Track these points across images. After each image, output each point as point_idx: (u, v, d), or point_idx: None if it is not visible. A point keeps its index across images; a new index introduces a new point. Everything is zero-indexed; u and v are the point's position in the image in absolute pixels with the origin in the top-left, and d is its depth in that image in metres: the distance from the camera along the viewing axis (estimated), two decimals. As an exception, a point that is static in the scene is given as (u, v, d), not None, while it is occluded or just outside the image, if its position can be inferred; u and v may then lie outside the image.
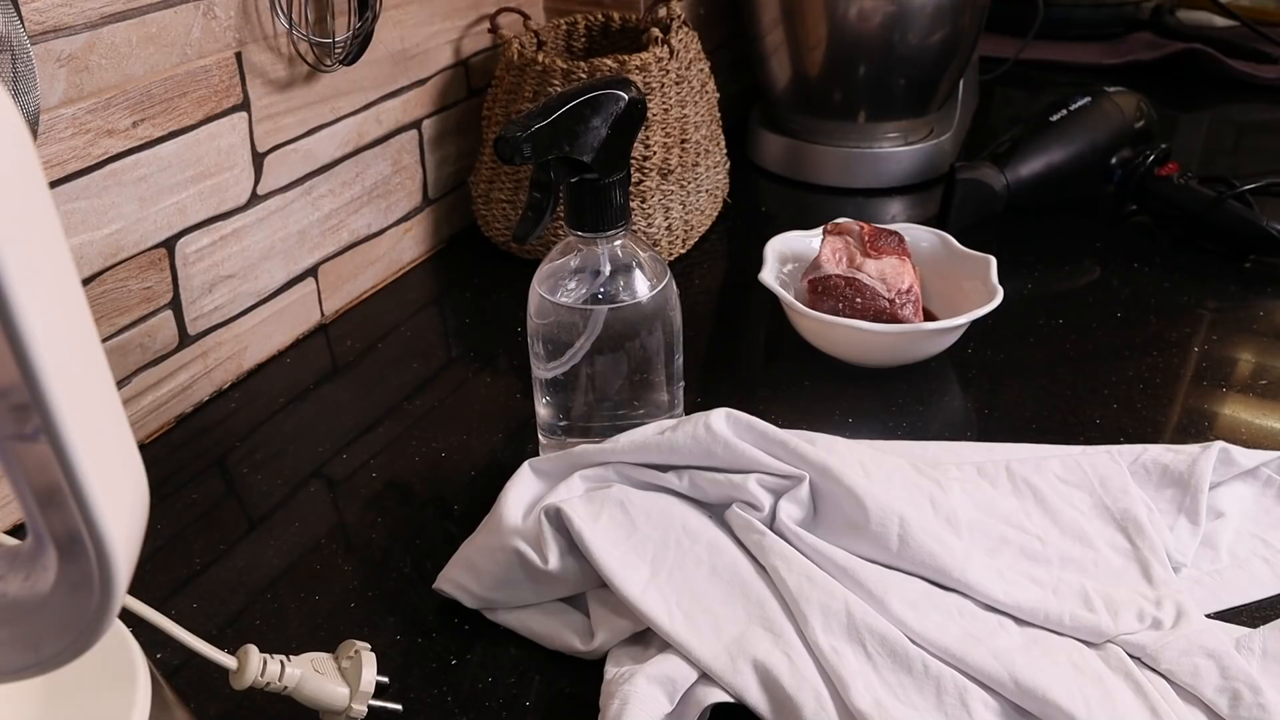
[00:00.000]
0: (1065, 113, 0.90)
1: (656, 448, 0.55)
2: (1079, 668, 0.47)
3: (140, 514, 0.27)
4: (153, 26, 0.61)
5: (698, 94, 0.86)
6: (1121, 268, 0.83)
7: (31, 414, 0.23)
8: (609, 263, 0.57)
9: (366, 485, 0.63)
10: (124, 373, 0.65)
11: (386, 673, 0.48)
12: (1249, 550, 0.55)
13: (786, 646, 0.48)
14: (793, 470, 0.54)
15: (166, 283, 0.66)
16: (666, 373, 0.60)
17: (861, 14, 0.93)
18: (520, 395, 0.70)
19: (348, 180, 0.79)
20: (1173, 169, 0.88)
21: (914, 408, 0.68)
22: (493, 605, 0.53)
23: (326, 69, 0.73)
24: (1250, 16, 1.23)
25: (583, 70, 0.79)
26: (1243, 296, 0.79)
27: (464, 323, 0.81)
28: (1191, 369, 0.71)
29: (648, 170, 0.83)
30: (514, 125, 0.51)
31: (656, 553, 0.52)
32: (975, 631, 0.49)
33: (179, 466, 0.65)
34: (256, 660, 0.43)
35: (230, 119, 0.68)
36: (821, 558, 0.51)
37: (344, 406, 0.70)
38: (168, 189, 0.65)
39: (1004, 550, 0.53)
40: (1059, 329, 0.76)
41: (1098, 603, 0.50)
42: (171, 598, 0.55)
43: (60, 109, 0.57)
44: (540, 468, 0.57)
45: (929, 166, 0.99)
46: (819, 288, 0.70)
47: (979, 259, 0.73)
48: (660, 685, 0.46)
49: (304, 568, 0.57)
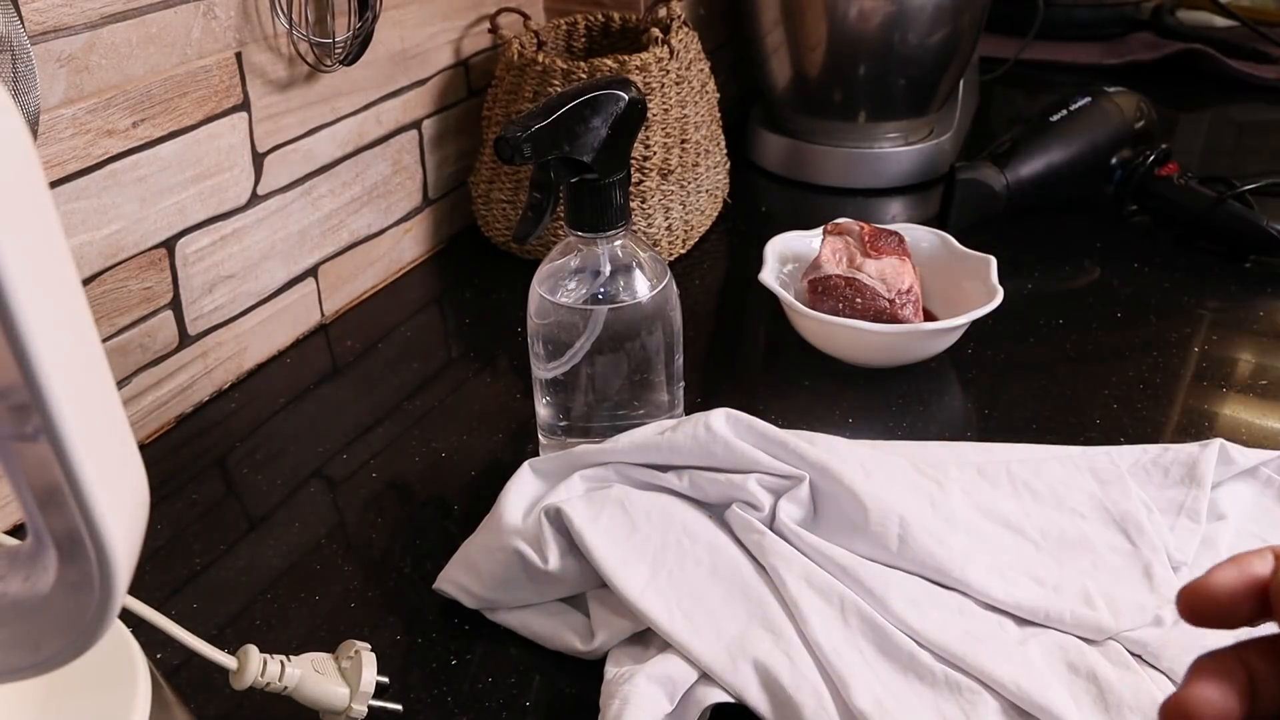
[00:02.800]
0: (1065, 113, 0.90)
1: (656, 448, 0.55)
2: (1079, 667, 0.47)
3: (140, 514, 0.27)
4: (153, 26, 0.61)
5: (698, 94, 0.86)
6: (1121, 268, 0.83)
7: (31, 414, 0.23)
8: (609, 263, 0.57)
9: (366, 485, 0.63)
10: (124, 373, 0.65)
11: (386, 673, 0.48)
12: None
13: (787, 646, 0.48)
14: (793, 470, 0.54)
15: (166, 283, 0.66)
16: (666, 373, 0.60)
17: (861, 14, 0.93)
18: (520, 395, 0.70)
19: (348, 180, 0.79)
20: (1173, 169, 0.88)
21: (914, 408, 0.68)
22: (493, 605, 0.53)
23: (326, 69, 0.73)
24: (1250, 16, 1.23)
25: (583, 70, 0.79)
26: (1243, 296, 0.79)
27: (464, 323, 0.81)
28: (1191, 369, 0.71)
29: (648, 170, 0.83)
30: (514, 125, 0.51)
31: (656, 553, 0.52)
32: (976, 631, 0.49)
33: (179, 466, 0.65)
34: (256, 660, 0.43)
35: (230, 119, 0.68)
36: (822, 557, 0.51)
37: (344, 406, 0.70)
38: (168, 189, 0.65)
39: (1004, 550, 0.53)
40: (1059, 329, 0.76)
41: (1098, 601, 0.50)
42: (171, 598, 0.55)
43: (60, 109, 0.57)
44: (540, 468, 0.57)
45: (929, 166, 0.99)
46: (819, 288, 0.70)
47: (979, 259, 0.73)
48: (660, 685, 0.46)
49: (304, 568, 0.57)
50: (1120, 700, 0.46)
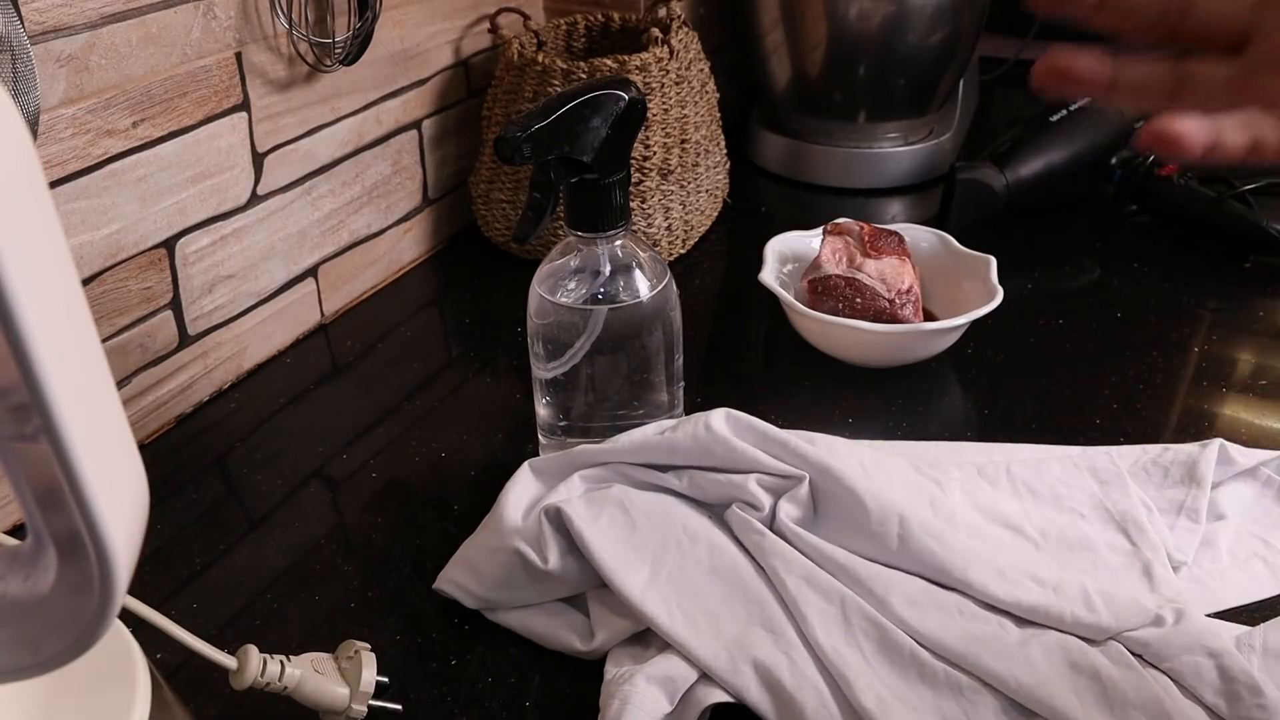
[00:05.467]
0: (1065, 113, 0.90)
1: (656, 448, 0.55)
2: (1081, 666, 0.47)
3: (140, 514, 0.27)
4: (153, 26, 0.61)
5: (698, 94, 0.86)
6: (1121, 268, 0.83)
7: (31, 414, 0.23)
8: (609, 263, 0.57)
9: (366, 485, 0.63)
10: (124, 373, 0.65)
11: (386, 673, 0.48)
12: (1249, 550, 0.55)
13: (787, 646, 0.48)
14: (793, 470, 0.54)
15: (166, 283, 0.66)
16: (666, 373, 0.60)
17: (861, 14, 0.93)
18: (520, 395, 0.70)
19: (348, 180, 0.79)
20: (1173, 169, 0.88)
21: (914, 408, 0.68)
22: (493, 605, 0.53)
23: (326, 69, 0.73)
24: (1250, 16, 1.23)
25: (583, 70, 0.79)
26: (1243, 296, 0.79)
27: (464, 323, 0.81)
28: (1191, 369, 0.71)
29: (648, 170, 0.83)
30: (514, 125, 0.51)
31: (657, 553, 0.52)
32: (976, 631, 0.49)
33: (179, 466, 0.65)
34: (256, 660, 0.43)
35: (230, 119, 0.68)
36: (822, 557, 0.51)
37: (344, 406, 0.70)
38: (168, 189, 0.65)
39: (1004, 550, 0.53)
40: (1059, 329, 0.76)
41: (1098, 602, 0.50)
42: (171, 598, 0.55)
43: (60, 109, 0.57)
44: (540, 468, 0.57)
45: (929, 166, 0.99)
46: (819, 288, 0.70)
47: (979, 259, 0.73)
48: (660, 685, 0.46)
49: (304, 568, 0.57)
50: (1124, 698, 0.45)
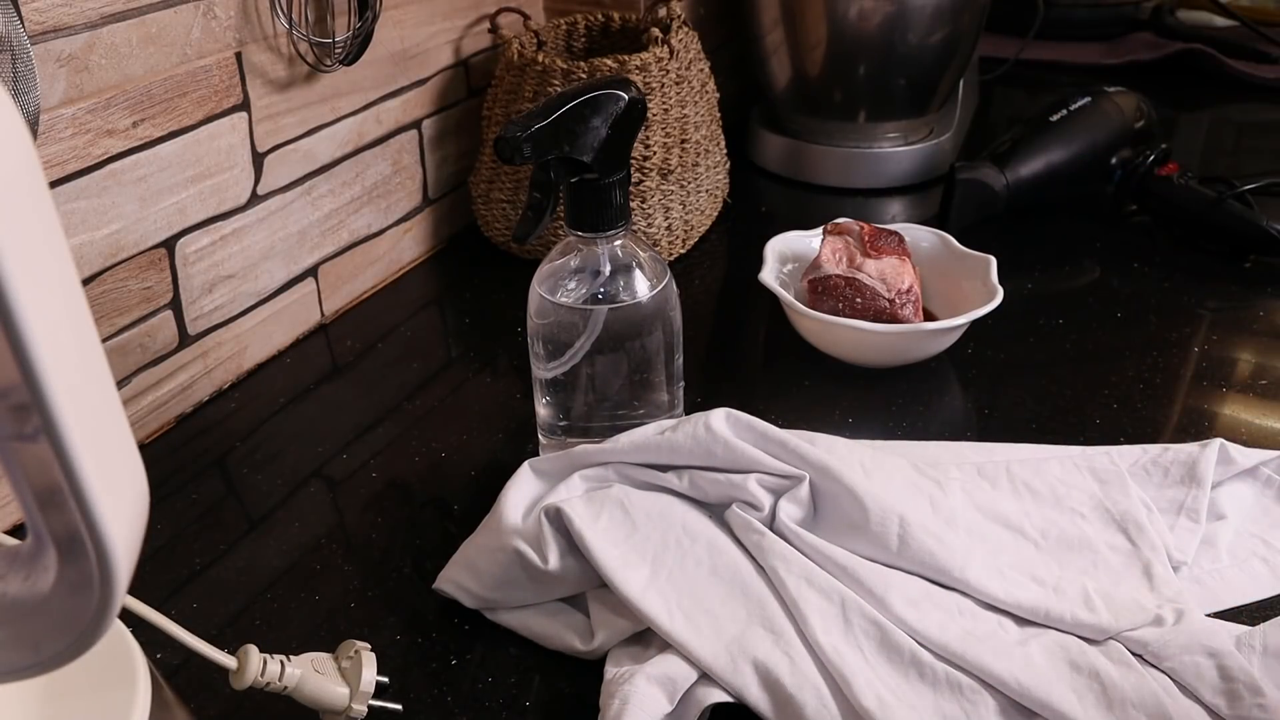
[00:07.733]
0: (1065, 113, 0.90)
1: (656, 448, 0.55)
2: (1081, 665, 0.47)
3: (140, 514, 0.27)
4: (153, 26, 0.61)
5: (698, 94, 0.86)
6: (1121, 268, 0.83)
7: (31, 414, 0.23)
8: (609, 263, 0.57)
9: (366, 485, 0.63)
10: (124, 373, 0.65)
11: (386, 673, 0.48)
12: (1249, 550, 0.55)
13: (787, 646, 0.48)
14: (792, 470, 0.54)
15: (166, 283, 0.66)
16: (666, 373, 0.60)
17: (861, 14, 0.93)
18: (520, 395, 0.70)
19: (348, 180, 0.79)
20: (1173, 169, 0.88)
21: (914, 408, 0.68)
22: (493, 605, 0.53)
23: (326, 69, 0.73)
24: (1250, 16, 1.23)
25: (583, 70, 0.79)
26: (1243, 296, 0.79)
27: (464, 323, 0.81)
28: (1191, 369, 0.71)
29: (648, 170, 0.83)
30: (514, 125, 0.51)
31: (656, 553, 0.52)
32: (976, 631, 0.49)
33: (179, 466, 0.65)
34: (256, 660, 0.43)
35: (230, 119, 0.68)
36: (822, 557, 0.51)
37: (344, 406, 0.70)
38: (168, 189, 0.65)
39: (1004, 550, 0.53)
40: (1059, 329, 0.76)
41: (1098, 602, 0.50)
42: (171, 598, 0.55)
43: (60, 109, 0.57)
44: (540, 468, 0.57)
45: (929, 166, 0.99)
46: (819, 288, 0.70)
47: (979, 259, 0.73)
48: (660, 685, 0.46)
49: (304, 568, 0.57)
50: (1124, 697, 0.46)
